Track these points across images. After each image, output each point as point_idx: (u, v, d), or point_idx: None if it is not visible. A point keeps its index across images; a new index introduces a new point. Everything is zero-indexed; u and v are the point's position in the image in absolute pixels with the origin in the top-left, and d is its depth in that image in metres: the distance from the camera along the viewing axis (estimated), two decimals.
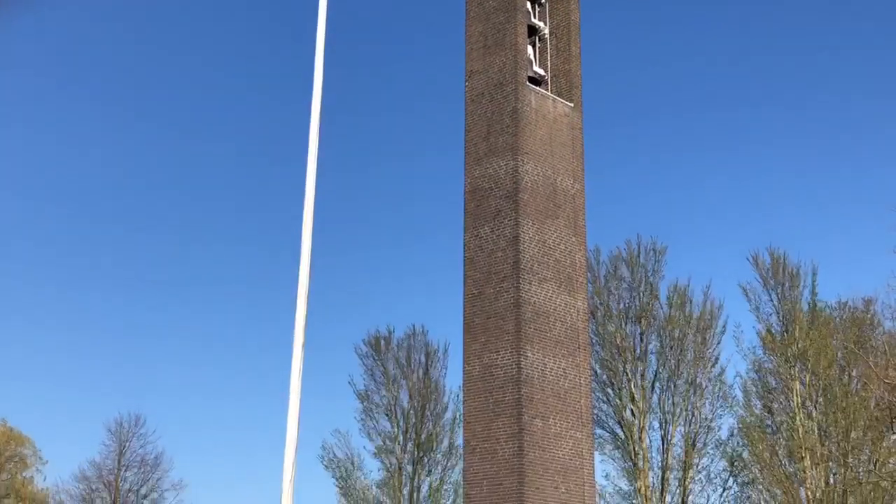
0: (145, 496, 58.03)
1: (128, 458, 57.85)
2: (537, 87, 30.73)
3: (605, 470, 50.78)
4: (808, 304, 49.74)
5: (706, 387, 50.51)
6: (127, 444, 57.89)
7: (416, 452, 53.66)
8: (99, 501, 56.83)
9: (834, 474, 46.61)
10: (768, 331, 49.51)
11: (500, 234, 29.18)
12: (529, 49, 31.37)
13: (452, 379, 54.68)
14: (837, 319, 49.90)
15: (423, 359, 55.25)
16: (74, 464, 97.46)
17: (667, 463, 49.43)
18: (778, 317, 49.70)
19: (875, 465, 45.42)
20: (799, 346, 47.75)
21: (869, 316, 49.27)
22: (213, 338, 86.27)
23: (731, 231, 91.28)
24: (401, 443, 53.84)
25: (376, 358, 55.43)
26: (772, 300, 50.06)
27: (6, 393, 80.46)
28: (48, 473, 77.89)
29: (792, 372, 48.03)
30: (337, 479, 55.05)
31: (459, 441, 30.86)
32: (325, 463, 54.98)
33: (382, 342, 55.61)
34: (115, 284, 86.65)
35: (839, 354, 48.06)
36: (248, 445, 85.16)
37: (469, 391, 28.81)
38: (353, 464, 54.83)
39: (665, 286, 51.94)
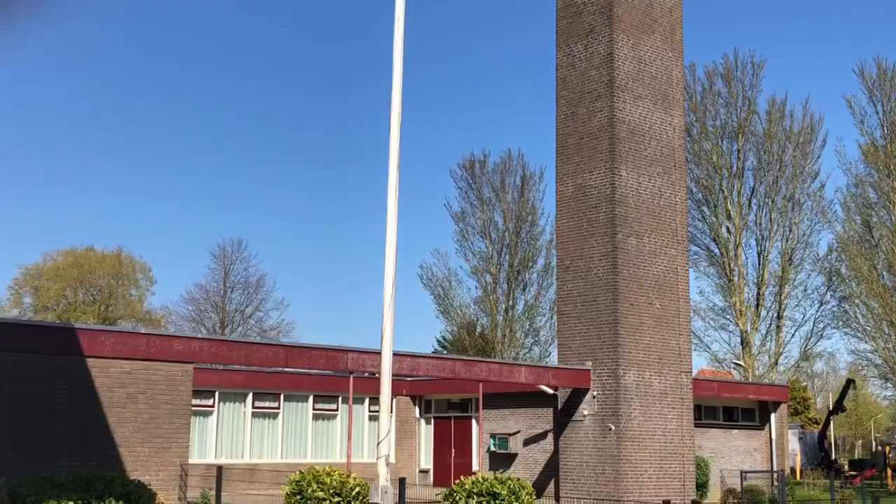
0: (250, 316, 60.50)
1: (232, 281, 60.13)
2: None
3: (700, 286, 51.28)
4: None
5: (805, 202, 50.00)
6: (231, 267, 60.08)
7: (510, 272, 54.64)
8: (208, 321, 59.42)
9: None
10: (872, 143, 48.30)
11: (593, 52, 28.65)
12: None
13: (549, 202, 54.98)
14: None
15: (518, 181, 55.57)
16: (182, 287, 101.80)
17: (762, 279, 49.53)
18: (883, 129, 48.35)
19: None
20: None
21: None
22: (311, 164, 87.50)
23: (834, 42, 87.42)
24: (496, 262, 54.81)
25: (471, 181, 55.94)
26: (877, 112, 48.61)
27: (119, 220, 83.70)
28: (159, 295, 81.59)
29: (894, 185, 47.05)
30: (435, 297, 56.62)
31: (554, 261, 31.28)
32: (423, 281, 56.49)
33: (477, 165, 56.00)
34: (216, 113, 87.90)
35: None
36: (347, 267, 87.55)
37: (562, 211, 28.99)
38: (450, 282, 56.21)
39: (763, 100, 50.87)
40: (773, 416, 35.82)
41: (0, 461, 17.09)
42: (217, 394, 29.92)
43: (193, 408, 23.40)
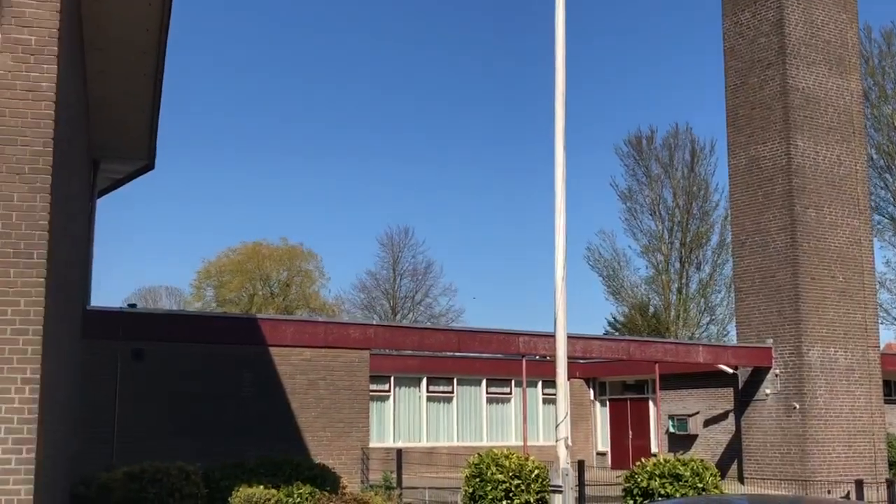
0: (420, 302, 61.31)
1: (401, 268, 61.09)
2: None
3: (886, 256, 48.93)
4: None
5: None
6: (399, 254, 61.03)
7: (682, 250, 53.39)
8: (379, 308, 60.58)
9: None
10: None
11: (762, 18, 27.72)
12: None
13: (721, 176, 53.36)
14: None
15: (687, 156, 54.02)
16: (352, 276, 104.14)
17: None
18: None
19: None
20: None
21: None
22: (473, 149, 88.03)
23: None
24: (667, 241, 53.66)
25: (638, 157, 54.80)
26: None
27: (292, 214, 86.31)
28: (331, 286, 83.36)
29: None
30: (604, 279, 55.93)
31: (730, 236, 30.43)
32: (591, 263, 55.86)
33: (644, 141, 54.81)
34: (380, 109, 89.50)
35: None
36: (514, 252, 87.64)
37: (736, 185, 28.25)
38: (619, 263, 55.38)
39: None
40: None
41: (193, 447, 17.90)
42: (392, 379, 30.51)
43: (371, 393, 23.91)
